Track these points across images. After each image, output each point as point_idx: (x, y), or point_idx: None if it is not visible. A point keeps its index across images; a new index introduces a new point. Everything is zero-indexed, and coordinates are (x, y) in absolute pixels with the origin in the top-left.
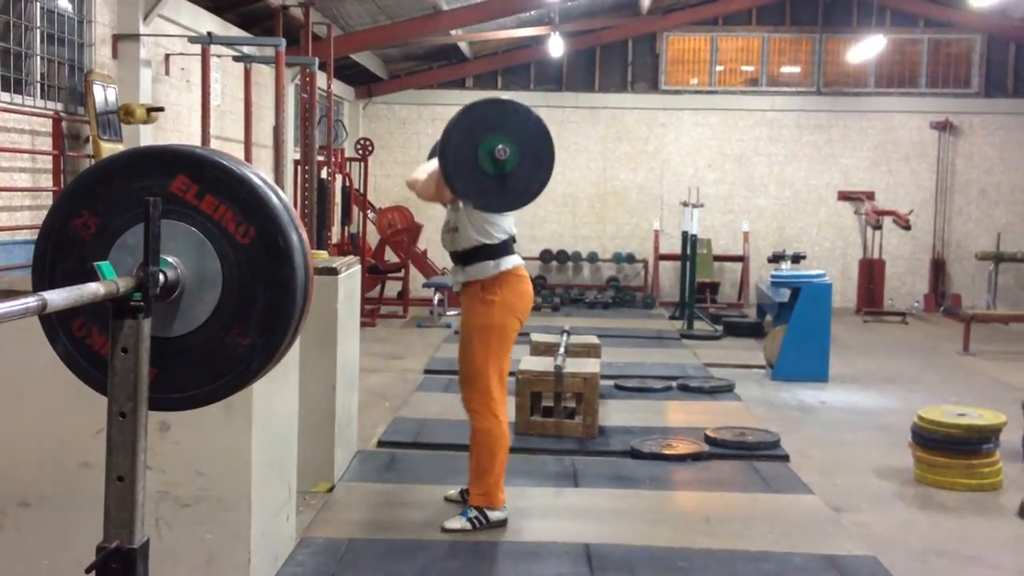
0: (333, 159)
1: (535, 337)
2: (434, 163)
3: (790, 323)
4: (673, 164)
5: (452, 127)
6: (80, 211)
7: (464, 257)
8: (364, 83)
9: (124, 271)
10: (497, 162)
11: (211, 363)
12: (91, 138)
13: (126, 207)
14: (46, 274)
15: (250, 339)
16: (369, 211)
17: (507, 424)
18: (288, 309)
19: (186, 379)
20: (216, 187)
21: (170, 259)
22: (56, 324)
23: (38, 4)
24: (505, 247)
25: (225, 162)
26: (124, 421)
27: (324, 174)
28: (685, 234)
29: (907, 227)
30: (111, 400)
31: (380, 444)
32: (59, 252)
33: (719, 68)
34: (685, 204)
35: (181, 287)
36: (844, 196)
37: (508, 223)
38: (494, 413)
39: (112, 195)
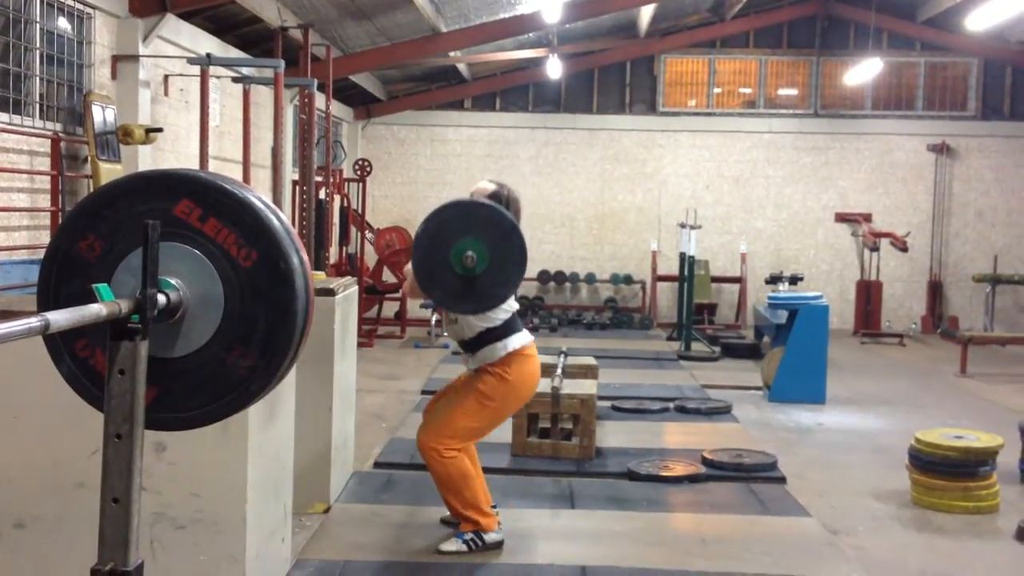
0: (331, 180)
1: None
2: None
3: (787, 345)
4: (671, 185)
5: (422, 233)
6: (85, 234)
7: (471, 345)
8: (363, 104)
9: (128, 293)
10: (467, 266)
11: (212, 384)
12: (90, 159)
13: (130, 230)
14: (51, 296)
15: (251, 361)
16: (367, 231)
17: (459, 453)
18: (289, 332)
19: (187, 399)
20: (219, 211)
21: (173, 281)
22: (60, 344)
23: (38, 25)
24: (510, 326)
25: (228, 186)
26: (120, 443)
27: (322, 195)
28: (683, 255)
29: (904, 249)
30: (107, 422)
31: (376, 465)
32: (64, 274)
33: (717, 90)
34: (683, 225)
35: (183, 309)
36: (841, 218)
37: (508, 301)
38: (447, 455)
39: (117, 218)
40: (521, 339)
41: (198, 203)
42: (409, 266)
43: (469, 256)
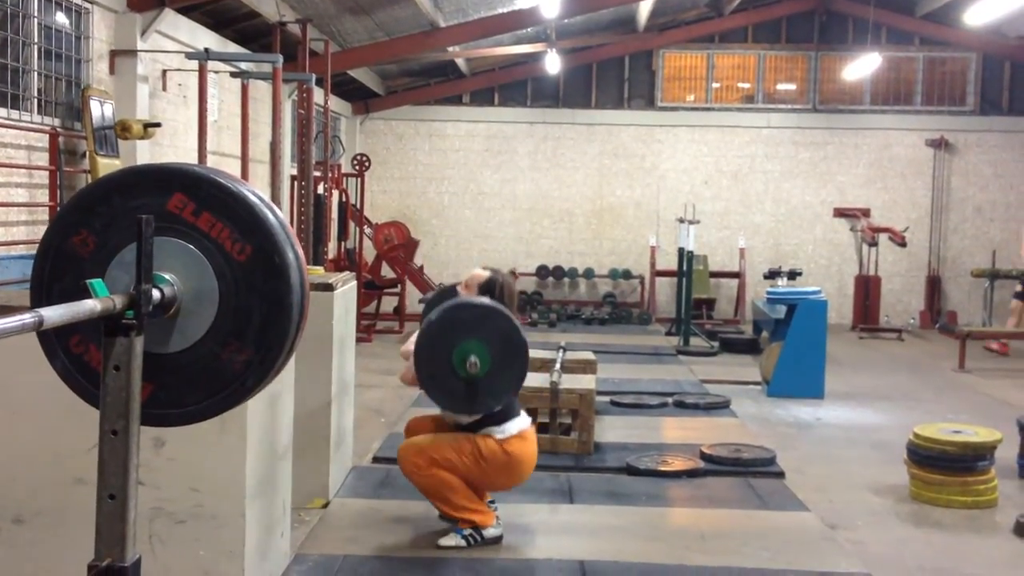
0: (330, 175)
1: (531, 353)
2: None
3: (786, 340)
4: (669, 180)
5: (426, 331)
6: (78, 229)
7: (469, 429)
8: (361, 99)
9: (121, 288)
10: (470, 372)
11: (208, 379)
12: (88, 153)
13: (124, 225)
14: (44, 291)
15: (246, 355)
16: (365, 227)
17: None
18: (284, 326)
19: (183, 395)
20: (213, 205)
21: (167, 276)
22: (54, 341)
23: (36, 20)
24: (508, 411)
25: (222, 180)
26: (116, 439)
27: (321, 190)
28: (681, 250)
29: (903, 244)
30: (103, 418)
31: (375, 460)
32: (57, 270)
33: (715, 85)
34: (681, 220)
35: (178, 304)
36: (840, 213)
37: None
38: (426, 472)
39: (110, 213)
40: (519, 424)
41: (192, 197)
42: (409, 345)
43: (472, 363)
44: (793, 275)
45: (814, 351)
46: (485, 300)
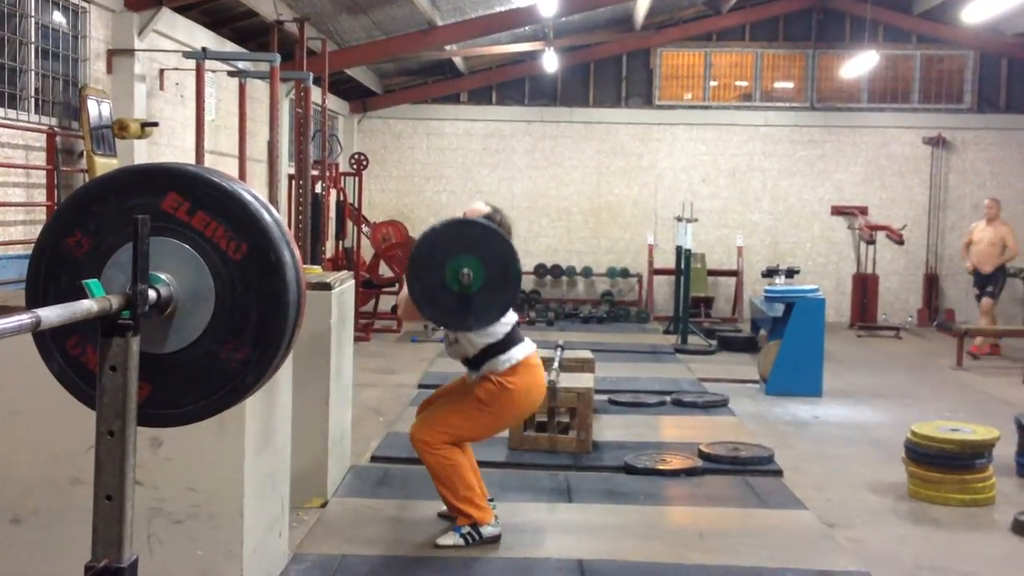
0: (327, 174)
1: None
2: None
3: (784, 338)
4: (667, 179)
5: (416, 251)
6: (73, 230)
7: (475, 362)
8: (359, 98)
9: (117, 289)
10: (463, 283)
11: (205, 378)
12: (85, 153)
13: (119, 225)
14: (39, 294)
15: (244, 354)
16: (363, 225)
17: (452, 446)
18: (281, 324)
19: (180, 395)
20: (207, 204)
21: (163, 276)
22: (51, 342)
23: (33, 19)
24: (511, 338)
25: (216, 179)
26: (112, 440)
27: (319, 189)
28: (679, 249)
29: (900, 242)
30: (99, 419)
31: (374, 459)
32: (52, 271)
33: (713, 83)
34: (679, 219)
35: (174, 303)
36: (837, 211)
37: (507, 314)
38: (437, 450)
39: (105, 213)
40: (524, 350)
41: (186, 196)
42: (405, 291)
43: (465, 273)
44: (791, 273)
45: (812, 349)
46: (492, 224)
